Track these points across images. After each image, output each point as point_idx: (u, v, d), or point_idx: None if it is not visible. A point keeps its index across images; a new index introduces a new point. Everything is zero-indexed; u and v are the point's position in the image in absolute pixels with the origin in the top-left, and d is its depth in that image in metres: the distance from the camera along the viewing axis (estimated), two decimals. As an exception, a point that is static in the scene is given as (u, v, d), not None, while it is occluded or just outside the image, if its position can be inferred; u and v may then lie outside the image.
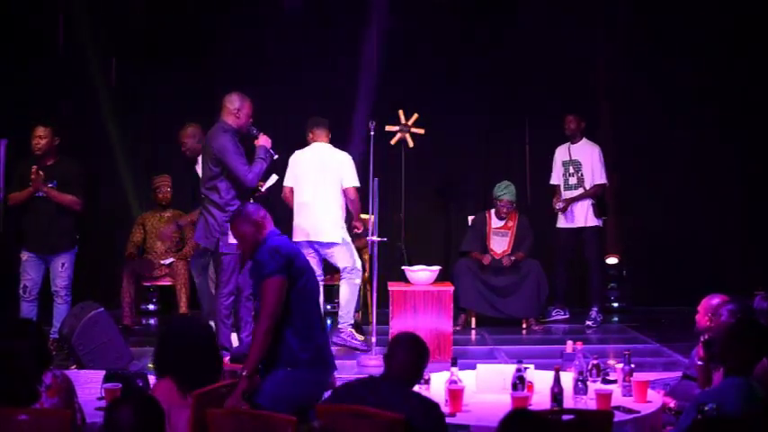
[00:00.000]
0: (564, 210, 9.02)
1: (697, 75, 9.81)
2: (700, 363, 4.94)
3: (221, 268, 6.89)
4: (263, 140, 7.04)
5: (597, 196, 9.01)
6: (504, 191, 8.86)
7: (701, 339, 5.00)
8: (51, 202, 7.50)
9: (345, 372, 6.60)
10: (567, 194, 9.04)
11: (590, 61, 9.91)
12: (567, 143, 9.11)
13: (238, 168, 6.90)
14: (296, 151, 7.85)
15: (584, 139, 9.08)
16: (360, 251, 8.20)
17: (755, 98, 9.83)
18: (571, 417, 4.20)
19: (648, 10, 9.81)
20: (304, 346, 4.97)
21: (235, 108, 6.99)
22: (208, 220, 6.97)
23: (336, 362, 7.15)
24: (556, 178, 9.18)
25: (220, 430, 4.00)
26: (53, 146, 7.55)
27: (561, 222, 9.10)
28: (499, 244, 8.92)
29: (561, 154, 9.14)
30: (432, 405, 4.17)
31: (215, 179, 6.95)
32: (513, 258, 8.78)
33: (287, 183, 7.84)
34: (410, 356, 4.27)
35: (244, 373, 4.77)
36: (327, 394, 4.82)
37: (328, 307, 9.39)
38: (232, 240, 6.67)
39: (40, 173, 7.43)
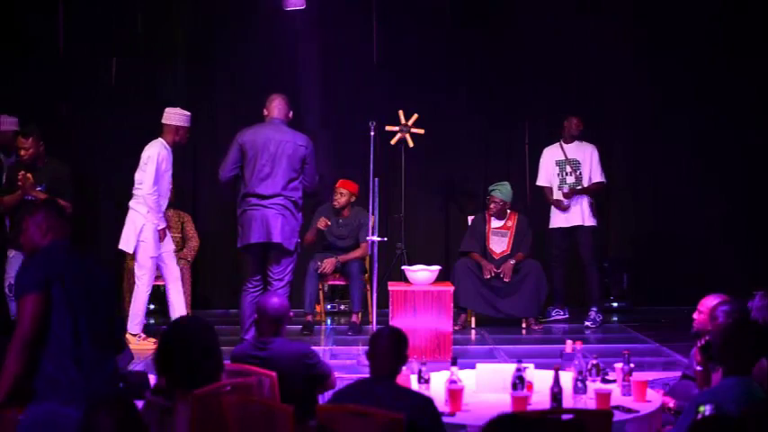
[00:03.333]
0: (569, 196, 8.89)
1: (697, 75, 9.82)
2: (699, 368, 4.94)
3: (285, 264, 6.93)
4: None
5: (597, 194, 9.00)
6: (495, 187, 8.85)
7: (698, 344, 5.00)
8: None
9: (346, 371, 6.60)
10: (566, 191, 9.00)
11: (589, 61, 9.90)
12: (557, 143, 9.08)
13: (316, 171, 6.95)
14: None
15: (578, 140, 9.06)
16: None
17: (756, 97, 9.83)
18: (570, 416, 4.21)
19: (648, 10, 9.82)
20: (55, 373, 4.13)
21: (290, 110, 7.10)
22: (290, 222, 6.92)
23: (336, 361, 7.22)
24: (544, 179, 9.12)
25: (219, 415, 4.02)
26: (40, 151, 7.55)
27: (555, 222, 9.07)
28: (498, 244, 8.91)
29: (553, 154, 9.08)
30: (427, 401, 4.18)
31: (296, 180, 6.92)
32: (513, 262, 8.76)
33: None
34: (391, 343, 4.29)
35: None
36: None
37: (328, 307, 9.39)
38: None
39: (29, 176, 7.45)
